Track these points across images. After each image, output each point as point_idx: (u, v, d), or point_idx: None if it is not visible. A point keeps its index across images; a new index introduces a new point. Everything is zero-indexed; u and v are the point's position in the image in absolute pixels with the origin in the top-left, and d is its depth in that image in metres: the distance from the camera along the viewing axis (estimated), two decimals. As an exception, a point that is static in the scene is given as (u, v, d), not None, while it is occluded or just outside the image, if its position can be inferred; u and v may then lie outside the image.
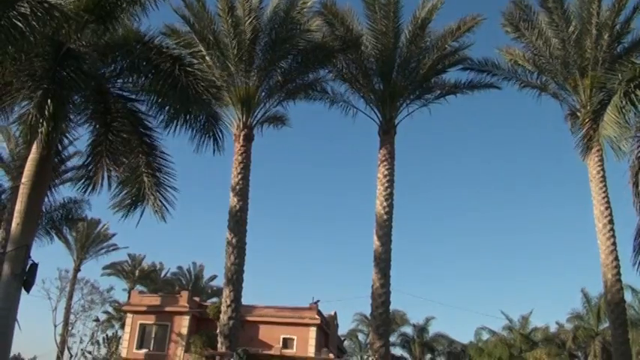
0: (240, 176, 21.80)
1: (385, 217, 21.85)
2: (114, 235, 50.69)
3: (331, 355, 27.13)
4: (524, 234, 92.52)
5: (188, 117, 12.06)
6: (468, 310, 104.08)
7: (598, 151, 20.34)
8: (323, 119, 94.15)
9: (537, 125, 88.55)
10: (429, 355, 49.00)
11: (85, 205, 21.33)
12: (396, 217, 21.98)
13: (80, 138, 13.39)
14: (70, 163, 20.96)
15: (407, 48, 23.39)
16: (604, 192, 20.61)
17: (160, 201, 13.27)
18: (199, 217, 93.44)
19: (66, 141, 13.25)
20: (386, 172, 22.77)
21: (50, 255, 58.90)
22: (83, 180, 13.28)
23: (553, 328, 46.20)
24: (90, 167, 13.14)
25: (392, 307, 21.96)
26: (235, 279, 20.44)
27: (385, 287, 21.03)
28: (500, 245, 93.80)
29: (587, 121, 15.23)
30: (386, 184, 22.60)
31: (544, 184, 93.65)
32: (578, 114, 21.65)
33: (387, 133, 23.53)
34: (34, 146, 11.59)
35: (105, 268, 53.90)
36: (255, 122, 23.22)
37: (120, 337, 47.02)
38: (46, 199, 15.76)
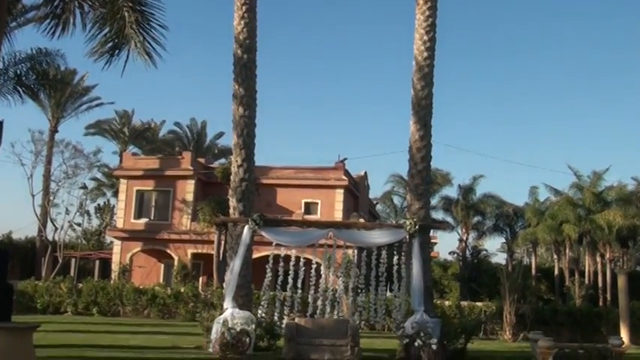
0: (245, 8, 20.99)
1: (426, 53, 21.07)
2: (95, 86, 49.72)
3: (362, 220, 27.86)
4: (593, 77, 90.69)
5: None
6: (525, 164, 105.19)
7: None
8: None
9: None
10: (475, 219, 49.76)
11: (58, 59, 20.81)
12: (439, 56, 21.10)
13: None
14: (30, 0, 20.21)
15: None
16: None
17: (147, 41, 12.95)
18: (196, 66, 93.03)
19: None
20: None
21: (18, 115, 58.92)
22: (49, 19, 12.91)
23: (631, 186, 46.07)
24: (56, 2, 12.72)
25: (433, 165, 21.91)
26: (246, 134, 20.38)
27: (425, 139, 20.74)
28: (566, 89, 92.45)
29: None
30: (427, 13, 21.65)
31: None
32: None
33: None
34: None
35: (88, 127, 54.21)
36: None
37: (114, 206, 48.74)
38: (5, 49, 15.46)
